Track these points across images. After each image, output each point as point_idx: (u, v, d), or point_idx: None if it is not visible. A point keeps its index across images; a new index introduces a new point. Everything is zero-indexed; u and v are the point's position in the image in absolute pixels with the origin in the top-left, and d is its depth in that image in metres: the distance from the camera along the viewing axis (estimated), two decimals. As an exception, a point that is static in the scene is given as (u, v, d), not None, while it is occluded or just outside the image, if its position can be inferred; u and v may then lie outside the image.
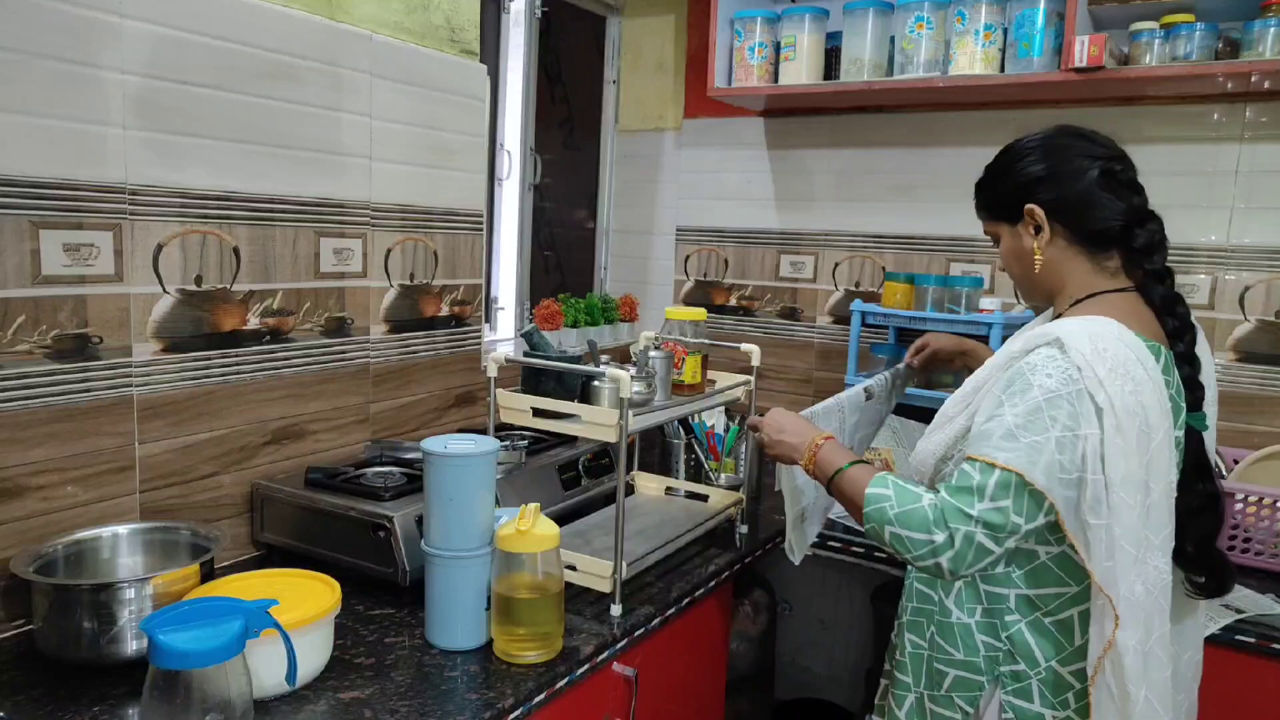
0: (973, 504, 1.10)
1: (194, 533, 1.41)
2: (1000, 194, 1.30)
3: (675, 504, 1.90)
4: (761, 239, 2.67)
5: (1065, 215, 1.23)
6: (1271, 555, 1.76)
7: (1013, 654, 1.21)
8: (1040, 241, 1.25)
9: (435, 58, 1.92)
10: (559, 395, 1.55)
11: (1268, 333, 2.03)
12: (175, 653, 0.96)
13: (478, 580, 1.31)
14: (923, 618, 1.32)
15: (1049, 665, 1.19)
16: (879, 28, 2.19)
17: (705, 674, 1.76)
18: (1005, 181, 1.28)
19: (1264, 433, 2.03)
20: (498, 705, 1.17)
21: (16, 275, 1.26)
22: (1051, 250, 1.25)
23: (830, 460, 1.30)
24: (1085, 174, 1.22)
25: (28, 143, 1.25)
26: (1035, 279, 1.28)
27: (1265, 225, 2.02)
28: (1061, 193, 1.23)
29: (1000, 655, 1.22)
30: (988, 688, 1.24)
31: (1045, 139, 1.27)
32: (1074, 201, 1.22)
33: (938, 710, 1.30)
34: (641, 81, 2.83)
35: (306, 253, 1.69)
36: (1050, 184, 1.24)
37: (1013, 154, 1.29)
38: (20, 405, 1.28)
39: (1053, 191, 1.23)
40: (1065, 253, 1.24)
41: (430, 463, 1.29)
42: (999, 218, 1.31)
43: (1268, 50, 1.81)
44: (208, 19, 1.47)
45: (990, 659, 1.23)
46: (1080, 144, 1.26)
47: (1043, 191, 1.24)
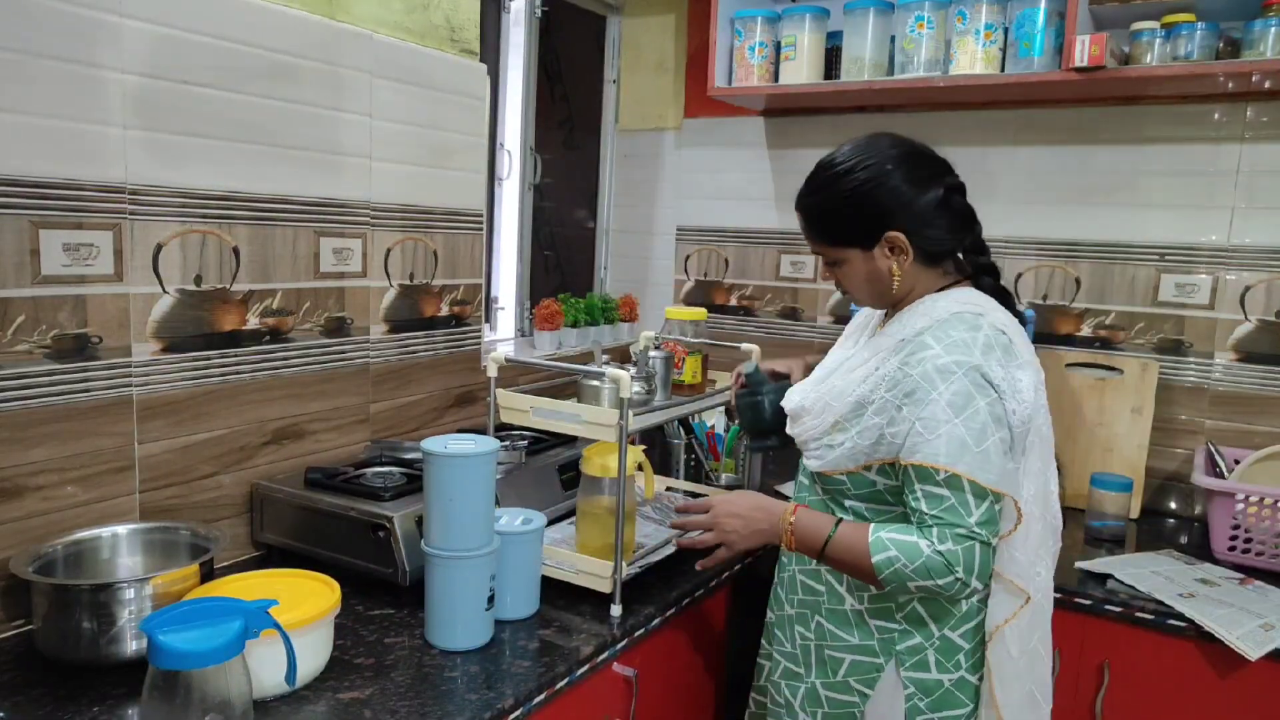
0: (963, 519, 1.16)
1: (194, 533, 1.40)
2: (854, 222, 1.28)
3: (675, 503, 1.90)
4: (762, 239, 2.67)
5: (922, 239, 1.26)
6: (1272, 555, 1.76)
7: (909, 630, 1.28)
8: (902, 264, 1.27)
9: (435, 57, 1.92)
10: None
11: (1268, 333, 2.03)
12: (175, 653, 0.95)
13: (478, 580, 1.31)
14: (808, 609, 1.38)
15: (941, 634, 1.28)
16: (879, 27, 2.18)
17: (705, 674, 1.76)
18: (861, 209, 1.26)
19: (1265, 433, 2.03)
20: (498, 705, 1.17)
21: (16, 275, 1.26)
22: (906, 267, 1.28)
23: (811, 535, 1.28)
24: (934, 197, 1.26)
25: (28, 142, 1.25)
26: (889, 295, 1.31)
27: (1266, 225, 2.02)
28: (919, 218, 1.26)
29: (895, 634, 1.29)
30: (886, 667, 1.30)
31: (896, 160, 1.26)
32: (929, 225, 1.26)
33: (834, 696, 1.34)
34: (641, 81, 2.83)
35: (306, 252, 1.69)
36: (908, 211, 1.25)
37: (859, 178, 1.26)
38: (20, 405, 1.28)
39: (911, 218, 1.25)
40: (915, 266, 1.28)
41: (430, 463, 1.29)
42: (848, 245, 1.29)
43: (1268, 50, 1.81)
44: (208, 18, 1.47)
45: (885, 640, 1.30)
46: (924, 164, 1.28)
47: (904, 218, 1.25)
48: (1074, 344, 2.23)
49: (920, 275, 1.30)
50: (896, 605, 1.29)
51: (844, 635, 1.33)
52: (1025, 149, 2.26)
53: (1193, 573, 1.73)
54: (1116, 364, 2.14)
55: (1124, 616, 1.61)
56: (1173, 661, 1.58)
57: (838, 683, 1.34)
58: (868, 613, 1.31)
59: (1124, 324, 2.18)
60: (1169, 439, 2.13)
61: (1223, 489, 1.78)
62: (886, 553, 1.18)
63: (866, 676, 1.31)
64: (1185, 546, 1.90)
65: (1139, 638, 1.61)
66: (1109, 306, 2.20)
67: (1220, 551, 1.81)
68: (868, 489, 1.29)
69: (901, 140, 1.29)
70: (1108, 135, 2.16)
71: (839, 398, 1.30)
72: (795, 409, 1.40)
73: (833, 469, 1.31)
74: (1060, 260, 2.25)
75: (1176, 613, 1.55)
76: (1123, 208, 2.16)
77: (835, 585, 1.34)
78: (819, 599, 1.36)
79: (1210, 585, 1.67)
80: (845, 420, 1.28)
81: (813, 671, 1.37)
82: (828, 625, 1.35)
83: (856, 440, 1.26)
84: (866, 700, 1.31)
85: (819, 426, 1.33)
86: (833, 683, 1.34)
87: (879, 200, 1.25)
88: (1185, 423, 2.12)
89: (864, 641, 1.31)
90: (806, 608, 1.38)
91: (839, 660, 1.34)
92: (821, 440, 1.32)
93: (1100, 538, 1.91)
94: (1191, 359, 2.11)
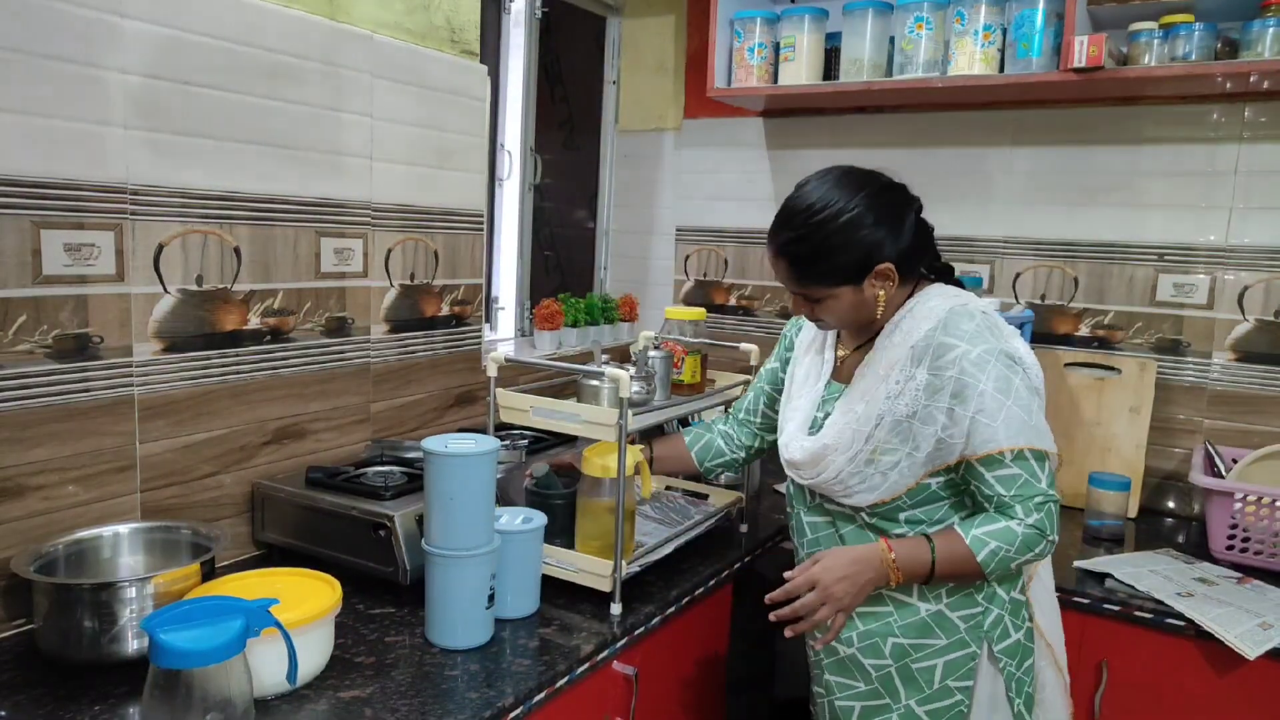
0: (1037, 487, 1.25)
1: (195, 532, 1.41)
2: (846, 264, 1.31)
3: (675, 503, 1.90)
4: (761, 239, 2.65)
5: (903, 264, 1.33)
6: (1270, 554, 1.76)
7: (989, 607, 1.33)
8: (889, 290, 1.33)
9: (436, 58, 1.92)
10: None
11: (1266, 332, 2.04)
12: (176, 652, 0.96)
13: (478, 579, 1.31)
14: (875, 637, 1.36)
15: (1010, 597, 1.35)
16: (878, 28, 2.19)
17: (705, 674, 1.76)
18: (850, 251, 1.30)
19: (1263, 432, 2.04)
20: (498, 704, 1.17)
21: (17, 275, 1.27)
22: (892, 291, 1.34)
23: (916, 563, 1.28)
24: (910, 223, 1.33)
25: (29, 143, 1.26)
26: (872, 319, 1.37)
27: (1264, 225, 2.02)
28: (901, 247, 1.32)
29: (980, 616, 1.33)
30: (980, 653, 1.32)
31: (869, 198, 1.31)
32: (909, 249, 1.33)
33: (935, 706, 1.33)
34: (641, 82, 2.83)
35: (307, 253, 1.69)
36: (891, 243, 1.31)
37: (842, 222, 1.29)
38: (21, 405, 1.29)
39: (895, 249, 1.31)
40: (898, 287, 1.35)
41: (431, 462, 1.29)
42: (841, 283, 1.33)
43: (1266, 50, 1.81)
44: (209, 19, 1.47)
45: (973, 627, 1.33)
46: (895, 196, 1.35)
47: (888, 251, 1.31)
48: (1072, 344, 2.23)
49: (896, 292, 1.36)
50: (975, 588, 1.32)
51: (929, 641, 1.33)
52: (1024, 149, 2.27)
53: (1191, 572, 1.73)
54: (1115, 364, 2.15)
55: (1122, 616, 1.62)
56: (1171, 660, 1.59)
57: (936, 691, 1.33)
58: (948, 608, 1.33)
59: (1122, 324, 2.19)
60: (1167, 438, 2.13)
61: (1221, 488, 1.79)
62: (988, 547, 1.24)
63: (964, 669, 1.33)
64: (1183, 546, 1.91)
65: (1137, 637, 1.61)
66: (1107, 306, 2.20)
67: (1218, 551, 1.81)
68: (923, 494, 1.31)
69: (867, 175, 1.35)
70: (1106, 135, 2.17)
71: (867, 423, 1.32)
72: (815, 452, 1.37)
73: (892, 495, 1.32)
74: (1059, 260, 2.25)
75: (1175, 612, 1.56)
76: (1121, 208, 2.17)
77: (903, 599, 1.34)
78: (887, 621, 1.35)
79: (1208, 584, 1.67)
80: (887, 443, 1.30)
81: (901, 695, 1.35)
82: (906, 640, 1.34)
83: (913, 455, 1.29)
84: (969, 693, 1.32)
85: (855, 460, 1.33)
86: (930, 694, 1.33)
87: (864, 240, 1.30)
88: (1183, 422, 2.13)
89: (952, 638, 1.33)
90: (874, 636, 1.36)
91: (931, 669, 1.33)
92: (865, 472, 1.32)
93: (1099, 537, 1.91)
94: (1190, 359, 2.12)
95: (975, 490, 1.28)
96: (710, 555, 1.73)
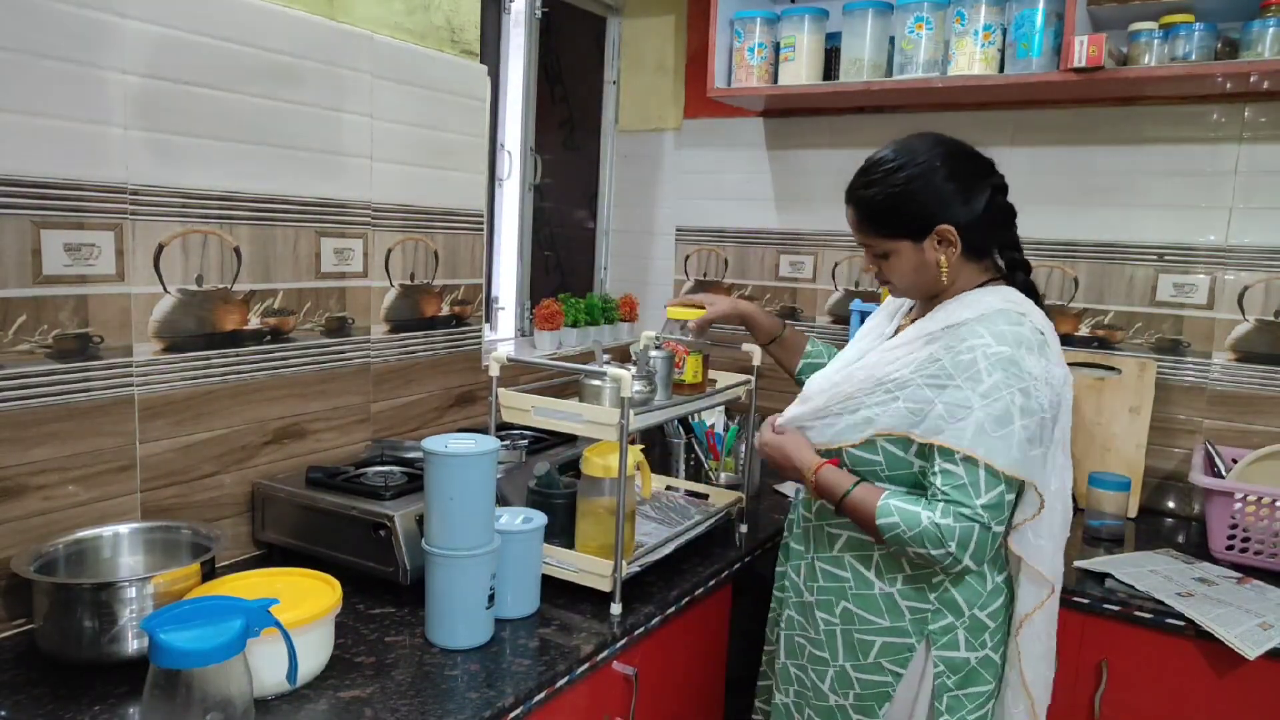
0: (970, 501, 1.22)
1: (195, 532, 1.41)
2: (908, 215, 1.32)
3: (675, 503, 1.90)
4: (761, 239, 2.68)
5: (969, 234, 1.31)
6: (1270, 554, 1.77)
7: (941, 611, 1.32)
8: (950, 256, 1.32)
9: (436, 58, 1.93)
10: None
11: (1266, 332, 2.04)
12: (176, 652, 0.96)
13: (478, 579, 1.31)
14: (831, 595, 1.40)
15: (970, 613, 1.33)
16: (878, 28, 2.19)
17: (705, 673, 1.76)
18: (914, 203, 1.31)
19: (1263, 432, 2.04)
20: (498, 704, 1.17)
21: (18, 275, 1.27)
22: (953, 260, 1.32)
23: (832, 486, 1.35)
24: (984, 195, 1.32)
25: (29, 143, 1.26)
26: (934, 285, 1.36)
27: (1264, 225, 2.02)
28: (971, 214, 1.30)
29: (928, 615, 1.33)
30: (918, 648, 1.34)
31: (945, 157, 1.31)
32: (976, 220, 1.31)
33: (864, 677, 1.37)
34: (641, 82, 2.83)
35: (307, 253, 1.69)
36: (961, 206, 1.30)
37: (912, 173, 1.31)
38: (21, 405, 1.29)
39: (963, 213, 1.30)
40: (960, 260, 1.33)
41: (431, 462, 1.29)
42: (901, 236, 1.33)
43: (1267, 50, 1.81)
44: (209, 19, 1.47)
45: (917, 621, 1.34)
46: (974, 163, 1.34)
47: (955, 213, 1.30)
48: (1072, 344, 2.23)
49: (963, 269, 1.35)
50: (930, 586, 1.33)
51: (874, 619, 1.36)
52: (1024, 149, 2.27)
53: (1191, 572, 1.73)
54: (1115, 363, 2.15)
55: (1122, 615, 1.62)
56: (1171, 660, 1.59)
57: (869, 664, 1.36)
58: (899, 594, 1.34)
59: (1122, 324, 2.19)
60: (1167, 438, 2.13)
61: (1221, 488, 1.79)
62: (890, 518, 1.26)
63: (899, 657, 1.34)
64: (1183, 545, 1.91)
65: (1137, 637, 1.61)
66: (1107, 306, 2.20)
67: (1218, 550, 1.81)
68: (904, 470, 1.32)
69: (948, 139, 1.35)
70: (1106, 136, 2.17)
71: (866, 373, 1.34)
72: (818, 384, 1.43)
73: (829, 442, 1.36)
74: (1059, 260, 2.25)
75: (1175, 612, 1.56)
76: (1121, 208, 2.17)
77: (863, 571, 1.37)
78: (844, 585, 1.39)
79: (1208, 584, 1.67)
80: (859, 396, 1.33)
81: (840, 655, 1.39)
82: (856, 610, 1.37)
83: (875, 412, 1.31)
84: (899, 680, 1.34)
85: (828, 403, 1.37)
86: (864, 664, 1.37)
87: (931, 194, 1.30)
88: (1183, 422, 2.13)
89: (895, 624, 1.34)
90: (830, 594, 1.41)
91: (869, 643, 1.36)
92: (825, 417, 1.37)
93: (1098, 537, 1.91)
94: (1190, 359, 2.12)
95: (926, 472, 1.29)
96: (710, 555, 1.73)
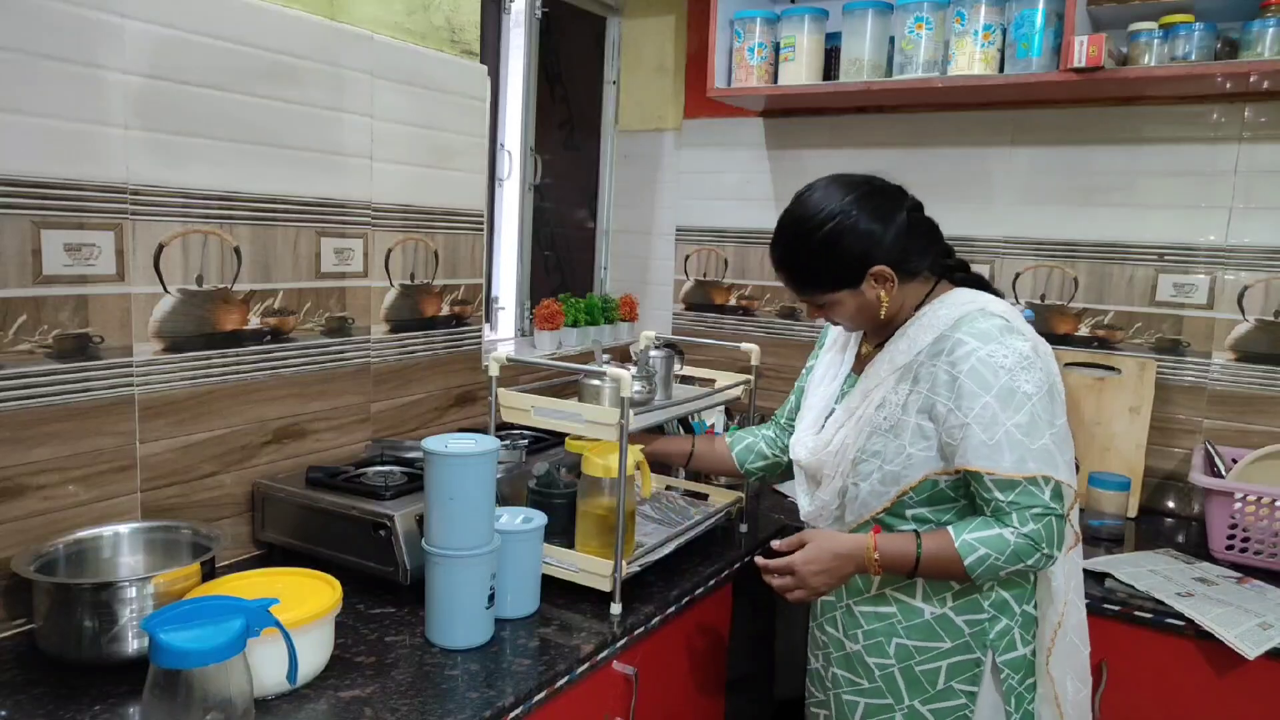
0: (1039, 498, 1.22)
1: (195, 532, 1.41)
2: (839, 268, 1.33)
3: (675, 503, 1.90)
4: (761, 239, 2.68)
5: (902, 263, 1.33)
6: (1270, 554, 1.77)
7: (996, 616, 1.32)
8: (889, 290, 1.33)
9: (436, 58, 1.93)
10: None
11: (1266, 332, 2.04)
12: (176, 652, 0.96)
13: (478, 579, 1.31)
14: (880, 636, 1.37)
15: (1021, 609, 1.34)
16: (878, 28, 2.19)
17: (705, 673, 1.76)
18: (841, 256, 1.32)
19: (1263, 432, 2.04)
20: (498, 704, 1.17)
21: (18, 275, 1.27)
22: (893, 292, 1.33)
23: (899, 559, 1.29)
24: (901, 224, 1.32)
25: (29, 143, 1.26)
26: (879, 319, 1.36)
27: (1264, 225, 2.02)
28: (895, 247, 1.31)
29: (986, 624, 1.32)
30: (985, 660, 1.32)
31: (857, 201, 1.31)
32: (904, 250, 1.32)
33: (938, 707, 1.34)
34: (641, 82, 2.83)
35: (307, 253, 1.69)
36: (884, 244, 1.31)
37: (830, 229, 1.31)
38: (21, 405, 1.29)
39: (889, 250, 1.31)
40: (900, 287, 1.34)
41: (431, 462, 1.29)
42: (838, 287, 1.34)
43: (1266, 50, 1.81)
44: (209, 19, 1.47)
45: (978, 634, 1.32)
46: (886, 197, 1.34)
47: (882, 252, 1.31)
48: (1072, 344, 2.23)
49: (905, 292, 1.36)
50: (981, 595, 1.32)
51: (932, 644, 1.34)
52: (1023, 149, 2.27)
53: (1191, 571, 1.73)
54: (1114, 363, 2.15)
55: (1122, 615, 1.62)
56: (1171, 660, 1.59)
57: (939, 692, 1.34)
58: (953, 611, 1.33)
59: (1122, 324, 2.19)
60: (1167, 438, 2.13)
61: (1221, 488, 1.79)
62: (976, 553, 1.23)
63: (967, 675, 1.33)
64: (1183, 545, 1.91)
65: (1137, 636, 1.61)
66: (1107, 306, 2.20)
67: (1218, 550, 1.81)
68: (929, 491, 1.31)
69: (855, 180, 1.35)
70: (1106, 136, 2.17)
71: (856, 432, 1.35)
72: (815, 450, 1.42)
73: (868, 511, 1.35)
74: (1058, 260, 2.25)
75: (1175, 611, 1.56)
76: (1121, 208, 2.17)
77: (907, 600, 1.35)
78: (891, 621, 1.36)
79: (1208, 584, 1.67)
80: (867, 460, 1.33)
81: (904, 696, 1.36)
82: (910, 642, 1.35)
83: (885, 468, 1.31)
84: (975, 699, 1.32)
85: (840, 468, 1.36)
86: (933, 695, 1.34)
87: (854, 243, 1.30)
88: (1183, 422, 2.13)
89: (956, 641, 1.33)
90: (877, 636, 1.38)
91: (935, 671, 1.34)
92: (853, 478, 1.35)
93: (1098, 537, 1.91)
94: (1189, 359, 2.12)
95: (975, 492, 1.28)
96: (710, 555, 1.73)
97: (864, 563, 1.30)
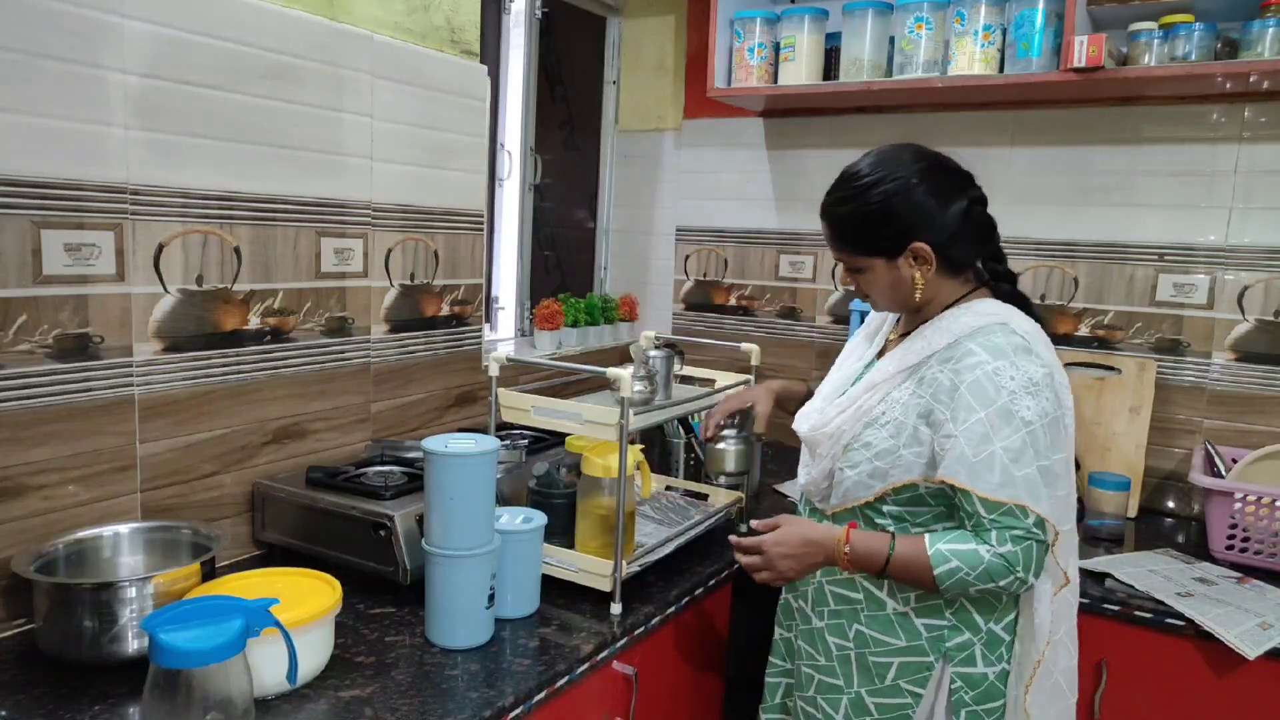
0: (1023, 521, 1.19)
1: (195, 532, 1.41)
2: (880, 233, 1.29)
3: (675, 503, 1.91)
4: (761, 239, 2.68)
5: (946, 250, 1.29)
6: (1270, 554, 1.77)
7: (958, 627, 1.29)
8: (925, 273, 1.30)
9: (436, 58, 1.93)
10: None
11: (1266, 332, 2.04)
12: (176, 652, 0.96)
13: (478, 579, 1.31)
14: (843, 619, 1.37)
15: (987, 628, 1.30)
16: (878, 28, 2.19)
17: (705, 672, 1.76)
18: (887, 221, 1.28)
19: (1263, 432, 2.04)
20: (498, 704, 1.17)
21: (18, 275, 1.27)
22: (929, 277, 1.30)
23: (870, 557, 1.27)
24: (958, 210, 1.28)
25: (29, 143, 1.26)
26: (910, 302, 1.33)
27: (1264, 225, 2.02)
28: (945, 230, 1.28)
29: (945, 631, 1.30)
30: (936, 666, 1.30)
31: (923, 172, 1.28)
32: (952, 236, 1.29)
33: (881, 701, 1.34)
34: (641, 82, 2.83)
35: (307, 252, 1.70)
36: (933, 223, 1.28)
37: (888, 189, 1.27)
38: (21, 405, 1.29)
39: (937, 230, 1.28)
40: (937, 276, 1.31)
41: (431, 462, 1.29)
42: (875, 253, 1.31)
43: (1266, 50, 1.81)
44: (209, 19, 1.47)
45: (934, 639, 1.30)
46: (949, 177, 1.31)
47: (930, 230, 1.28)
48: (1072, 343, 2.23)
49: (942, 284, 1.32)
50: (945, 604, 1.29)
51: (889, 639, 1.32)
52: (1023, 149, 2.27)
53: (1191, 572, 1.73)
54: (1114, 363, 2.15)
55: (1122, 615, 1.62)
56: (1171, 660, 1.59)
57: (886, 687, 1.33)
58: (914, 613, 1.31)
59: (1122, 324, 2.19)
60: (1167, 438, 2.13)
61: (1221, 488, 1.79)
62: (948, 564, 1.20)
63: (917, 676, 1.31)
64: (1183, 545, 1.91)
65: (1137, 637, 1.61)
66: (1107, 306, 2.20)
67: (1218, 550, 1.81)
68: (909, 494, 1.30)
69: (926, 152, 1.32)
70: (1106, 136, 2.17)
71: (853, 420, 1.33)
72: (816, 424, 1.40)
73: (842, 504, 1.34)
74: (1058, 260, 2.25)
75: (1175, 612, 1.56)
76: (1121, 208, 2.17)
77: (874, 591, 1.34)
78: (855, 607, 1.35)
79: (1208, 584, 1.67)
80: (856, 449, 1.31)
81: (854, 681, 1.36)
82: (869, 631, 1.34)
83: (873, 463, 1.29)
84: (919, 700, 1.31)
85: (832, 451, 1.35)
86: (880, 688, 1.33)
87: (905, 212, 1.27)
88: (1183, 422, 2.13)
89: (912, 642, 1.31)
90: (841, 617, 1.37)
91: (885, 665, 1.33)
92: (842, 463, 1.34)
93: (1098, 537, 1.91)
94: (1189, 359, 2.12)
95: (958, 505, 1.25)
96: (710, 555, 1.73)
97: (834, 555, 1.30)
